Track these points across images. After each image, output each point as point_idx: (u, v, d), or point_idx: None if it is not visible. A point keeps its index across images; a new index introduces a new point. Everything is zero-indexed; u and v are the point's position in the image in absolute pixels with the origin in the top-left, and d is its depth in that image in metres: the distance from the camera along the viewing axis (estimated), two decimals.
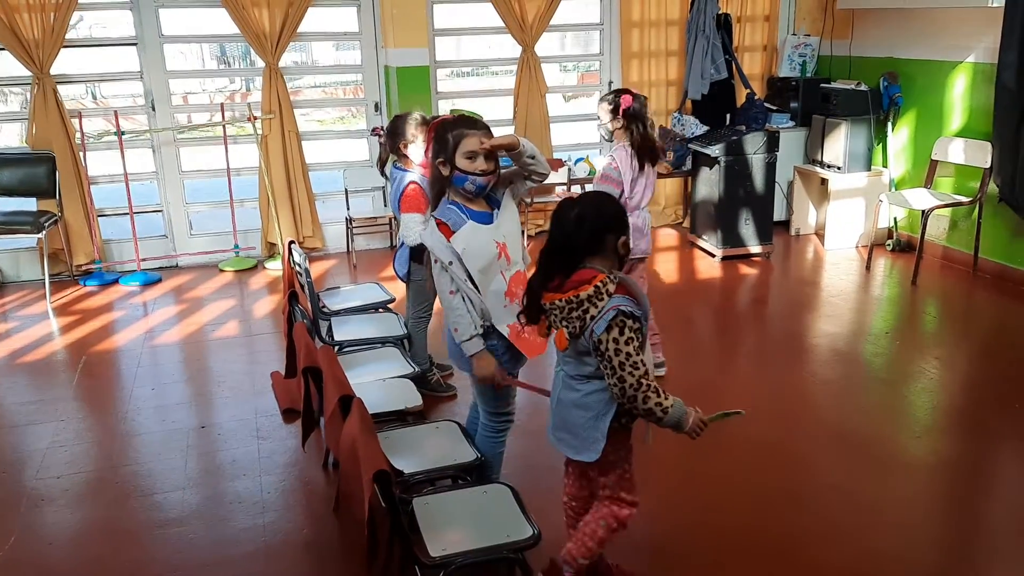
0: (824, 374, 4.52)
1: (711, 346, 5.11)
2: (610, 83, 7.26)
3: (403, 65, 6.39)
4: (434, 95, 6.80)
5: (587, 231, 2.28)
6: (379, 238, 7.01)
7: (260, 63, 6.38)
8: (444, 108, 6.96)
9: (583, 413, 2.38)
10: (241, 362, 4.86)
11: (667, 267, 6.44)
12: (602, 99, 4.07)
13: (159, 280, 6.31)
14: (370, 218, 6.81)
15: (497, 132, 2.79)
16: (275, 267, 6.51)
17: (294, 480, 3.57)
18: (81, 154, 6.12)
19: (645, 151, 3.98)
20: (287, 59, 6.56)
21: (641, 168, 4.00)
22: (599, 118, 4.12)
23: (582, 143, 7.53)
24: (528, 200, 6.71)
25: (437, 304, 5.10)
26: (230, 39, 6.77)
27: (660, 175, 6.85)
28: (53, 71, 5.95)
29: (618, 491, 2.49)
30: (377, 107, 6.84)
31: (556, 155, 7.06)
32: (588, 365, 2.34)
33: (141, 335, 5.25)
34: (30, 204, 6.08)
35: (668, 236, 7.27)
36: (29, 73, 5.90)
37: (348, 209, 6.72)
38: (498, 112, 7.08)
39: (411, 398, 3.29)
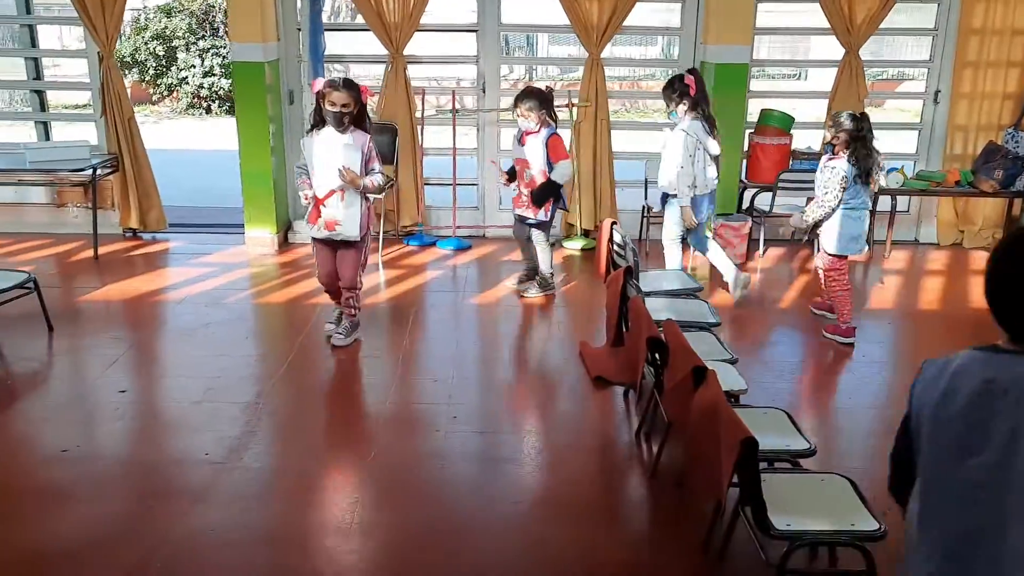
0: None
1: None
2: (937, 92, 6.85)
3: (722, 62, 6.44)
4: (747, 93, 6.79)
5: None
6: None
7: (575, 52, 6.74)
8: (754, 107, 6.94)
9: None
10: (548, 330, 5.24)
11: (978, 292, 5.99)
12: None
13: (469, 247, 6.88)
14: None
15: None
16: (572, 246, 6.85)
17: (606, 443, 3.83)
18: (419, 128, 6.82)
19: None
20: (574, 51, 6.84)
21: None
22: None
23: (894, 152, 7.16)
24: None
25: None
26: (559, 29, 7.17)
27: (984, 193, 6.40)
28: (405, 52, 6.67)
29: None
30: None
31: None
32: None
33: (456, 294, 5.80)
34: None
35: (980, 259, 6.73)
36: (386, 52, 6.67)
37: (646, 199, 6.91)
38: (806, 114, 6.96)
39: (735, 381, 3.40)
